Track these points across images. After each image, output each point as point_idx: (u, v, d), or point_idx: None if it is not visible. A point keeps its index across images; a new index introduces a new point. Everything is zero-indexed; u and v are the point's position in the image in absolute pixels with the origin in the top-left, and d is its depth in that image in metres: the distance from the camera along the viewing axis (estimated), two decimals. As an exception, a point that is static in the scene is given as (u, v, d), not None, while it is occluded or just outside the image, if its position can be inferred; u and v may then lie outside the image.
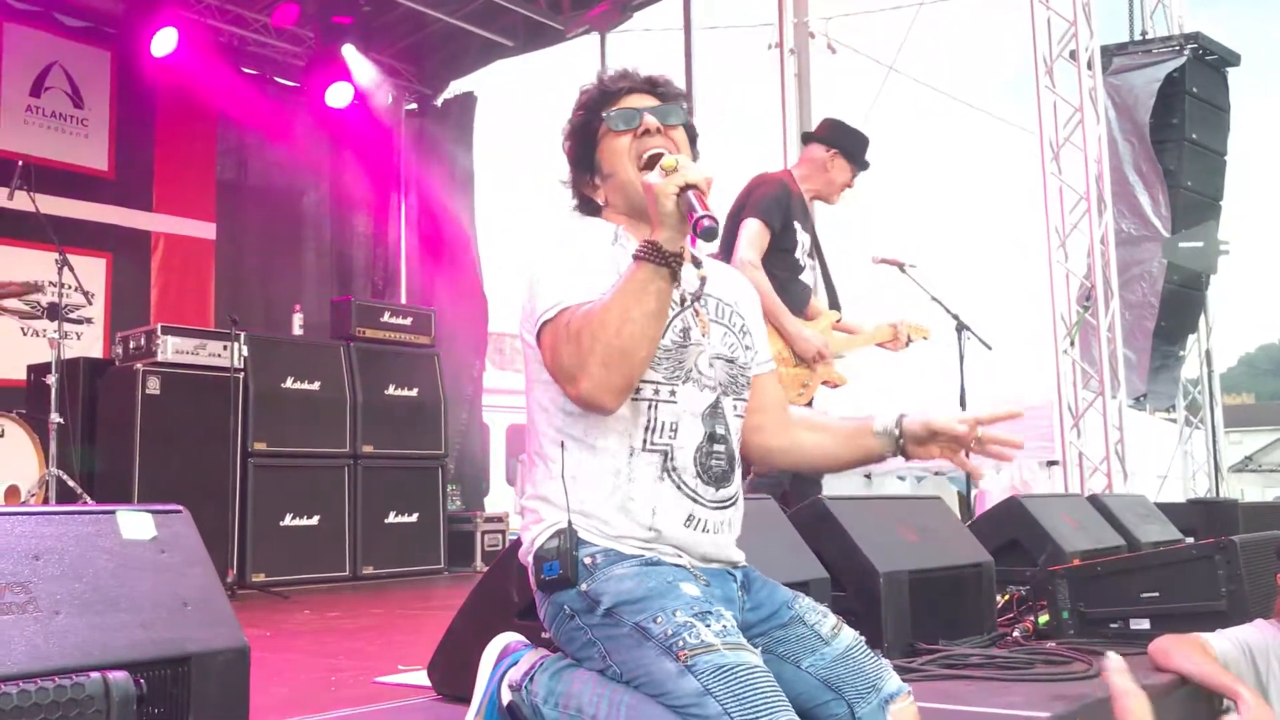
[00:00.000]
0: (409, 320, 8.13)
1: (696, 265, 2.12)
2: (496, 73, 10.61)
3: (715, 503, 1.99)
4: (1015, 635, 3.72)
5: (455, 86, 10.64)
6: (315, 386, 7.21)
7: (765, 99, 9.41)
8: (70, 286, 6.11)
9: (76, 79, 8.67)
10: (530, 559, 1.99)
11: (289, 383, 7.08)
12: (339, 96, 9.30)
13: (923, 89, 11.56)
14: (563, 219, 2.20)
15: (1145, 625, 3.56)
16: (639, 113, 2.10)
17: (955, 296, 6.05)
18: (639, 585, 1.85)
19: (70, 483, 5.79)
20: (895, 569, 3.34)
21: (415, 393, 7.82)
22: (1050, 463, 7.95)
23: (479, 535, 8.33)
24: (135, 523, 1.88)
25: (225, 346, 6.69)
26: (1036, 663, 3.21)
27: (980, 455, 2.07)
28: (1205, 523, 5.50)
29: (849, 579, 3.31)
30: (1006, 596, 4.00)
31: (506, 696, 2.03)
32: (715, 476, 1.99)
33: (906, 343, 4.87)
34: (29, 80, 8.41)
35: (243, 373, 6.72)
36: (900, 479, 9.37)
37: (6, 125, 8.22)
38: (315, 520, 7.06)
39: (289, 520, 6.92)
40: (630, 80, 2.16)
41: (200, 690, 1.77)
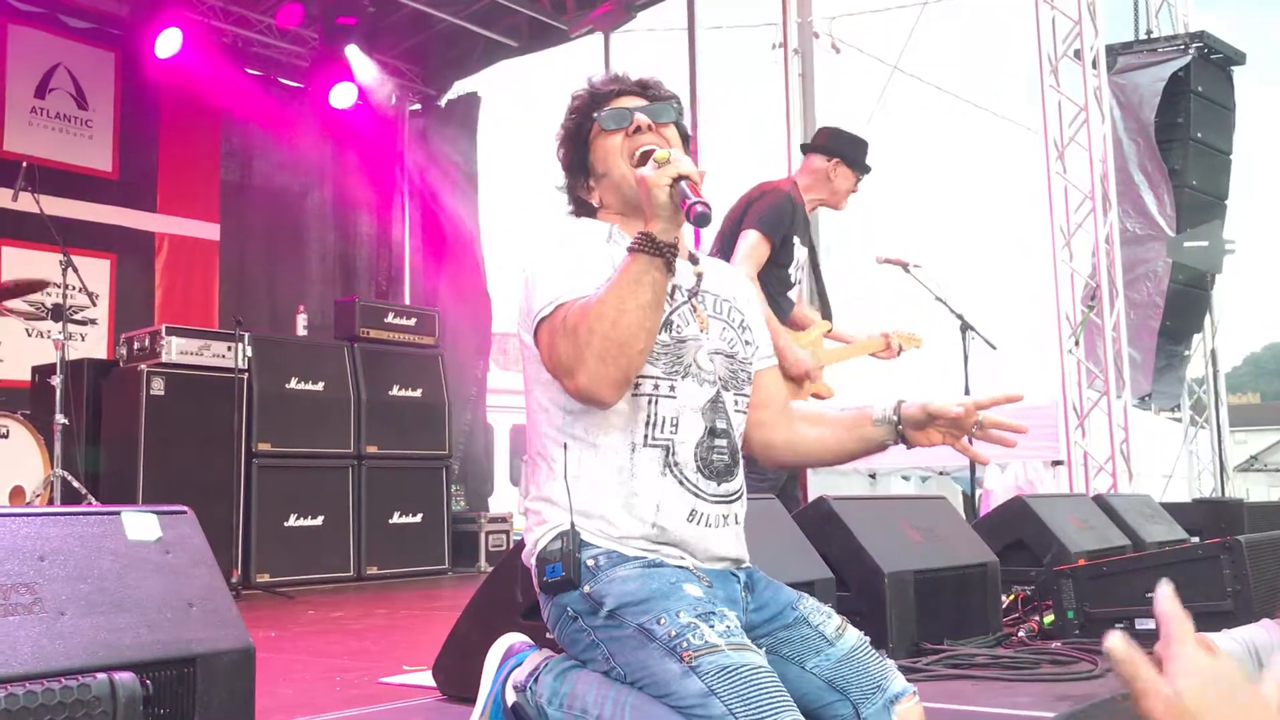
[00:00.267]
0: (413, 321, 8.14)
1: (694, 262, 2.12)
2: (500, 73, 10.63)
3: (717, 497, 1.98)
4: (1020, 635, 3.72)
5: (459, 87, 10.64)
6: (319, 387, 7.22)
7: (769, 99, 9.40)
8: (75, 287, 6.11)
9: (81, 80, 8.68)
10: (533, 561, 1.99)
11: (293, 383, 7.09)
12: (343, 97, 9.32)
13: (927, 88, 11.56)
14: (558, 221, 2.20)
15: (1151, 625, 3.54)
16: (630, 112, 2.11)
17: (960, 296, 6.05)
18: (642, 586, 1.85)
19: (75, 483, 5.79)
20: (900, 569, 3.34)
21: (419, 393, 7.83)
22: (1055, 462, 7.93)
23: (483, 535, 8.34)
24: (140, 524, 1.88)
25: (229, 347, 6.71)
26: (1042, 663, 3.21)
27: (983, 441, 2.07)
28: (1211, 522, 5.50)
29: (854, 579, 3.31)
30: (1011, 596, 4.01)
31: (511, 697, 2.03)
32: (717, 471, 1.99)
33: (899, 352, 4.85)
34: (33, 81, 8.42)
35: (247, 373, 6.73)
36: (905, 479, 9.36)
37: (11, 126, 8.24)
38: (319, 521, 7.07)
39: (293, 521, 6.94)
40: (620, 83, 2.18)
41: (205, 691, 1.77)
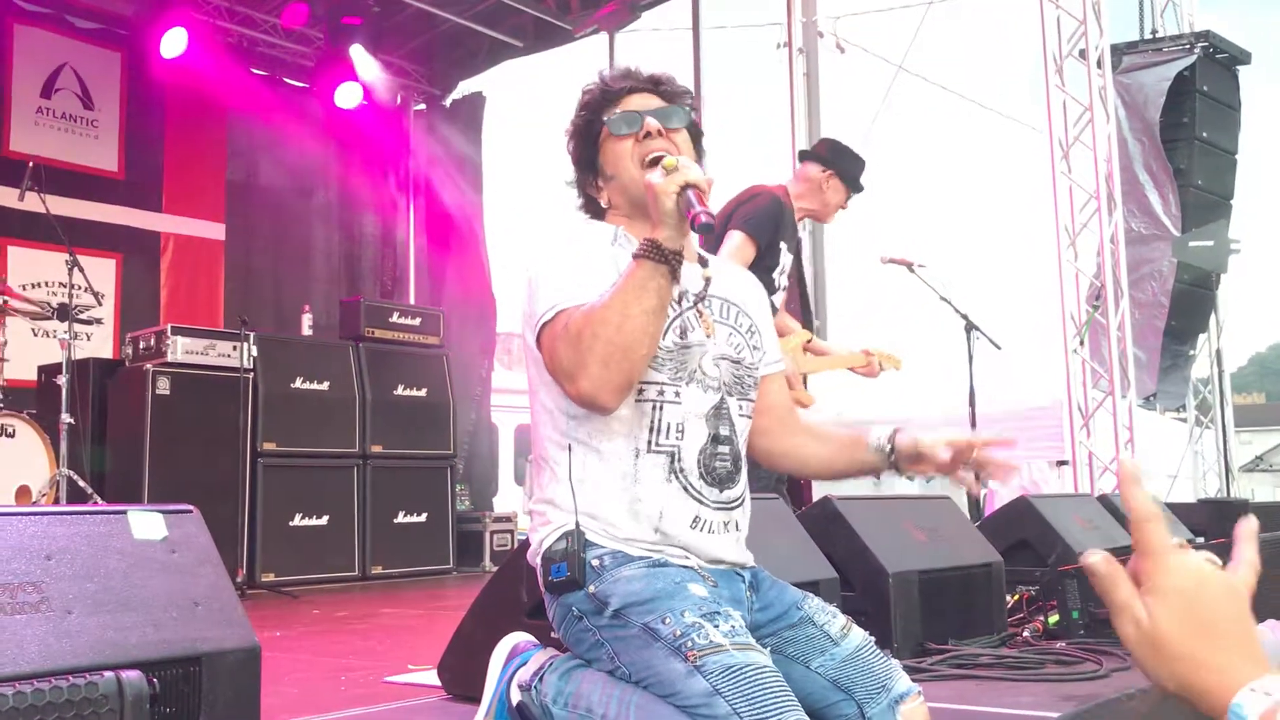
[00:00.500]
0: (418, 320, 8.15)
1: (703, 264, 2.10)
2: (505, 73, 10.64)
3: (719, 504, 1.98)
4: (1025, 635, 3.72)
5: (464, 87, 10.65)
6: (324, 387, 7.23)
7: (774, 98, 9.41)
8: (80, 287, 6.13)
9: (87, 80, 8.70)
10: (538, 561, 1.99)
11: (298, 383, 7.10)
12: (348, 97, 9.32)
13: (932, 88, 11.53)
14: (562, 221, 2.18)
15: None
16: (640, 116, 2.07)
17: (964, 296, 6.04)
18: (647, 586, 1.85)
19: (80, 483, 5.80)
20: (905, 569, 3.33)
21: (424, 393, 7.84)
22: (1060, 462, 7.92)
23: (488, 535, 8.35)
24: (146, 523, 1.88)
25: (235, 347, 6.72)
26: (1046, 663, 3.21)
27: (979, 471, 2.06)
28: (1216, 523, 5.50)
29: (858, 579, 3.31)
30: (1016, 596, 4.00)
31: (516, 696, 2.03)
32: (719, 478, 1.98)
33: (879, 370, 4.81)
34: (39, 81, 8.44)
35: (252, 373, 6.74)
36: (909, 478, 9.34)
37: (17, 126, 8.26)
38: (324, 520, 7.08)
39: (298, 520, 6.95)
40: (633, 80, 2.13)
41: (211, 690, 1.78)
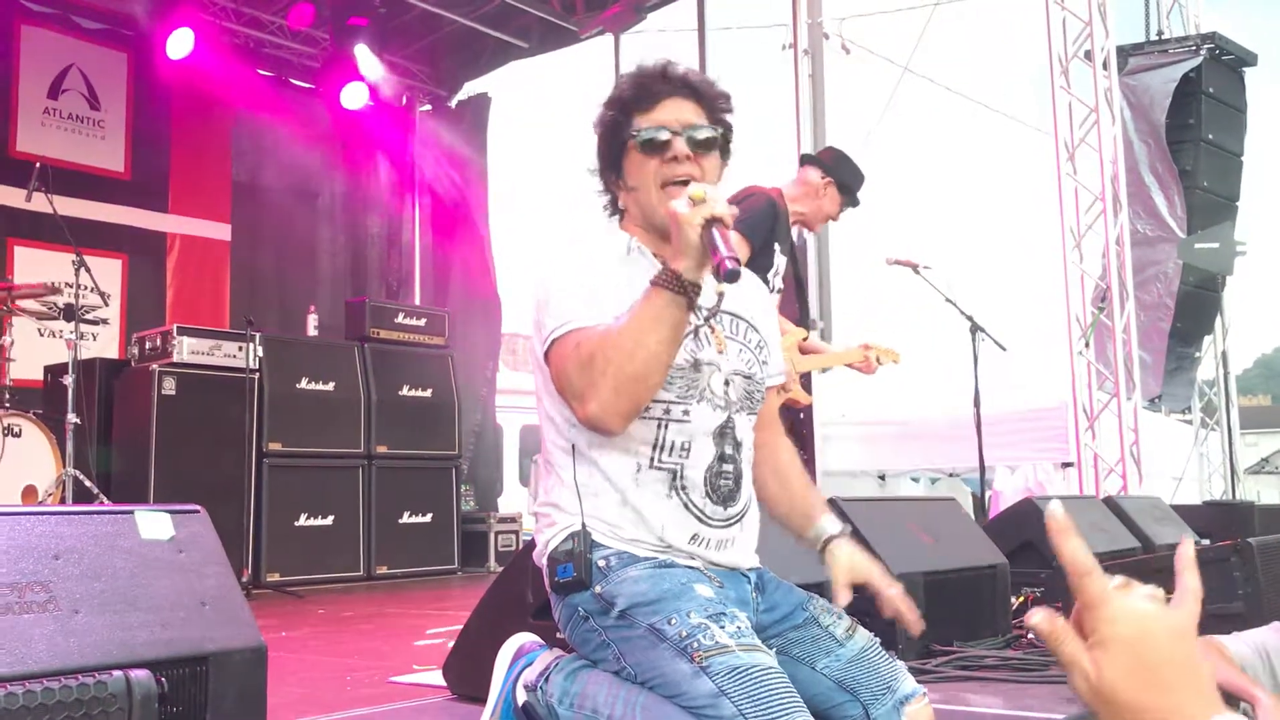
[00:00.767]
0: (423, 321, 8.16)
1: (715, 278, 2.10)
2: (511, 74, 10.65)
3: (722, 521, 1.98)
4: (1030, 637, 3.71)
5: (470, 88, 10.67)
6: (330, 387, 7.24)
7: (779, 100, 9.40)
8: (86, 287, 6.14)
9: (93, 81, 8.72)
10: (544, 561, 1.99)
11: (304, 383, 7.11)
12: (354, 98, 9.34)
13: (937, 89, 11.54)
14: (574, 231, 2.15)
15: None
16: (670, 137, 1.99)
17: (969, 297, 6.05)
18: (653, 587, 1.85)
19: (87, 483, 5.82)
20: (910, 570, 3.33)
21: (429, 393, 7.84)
22: (1065, 464, 7.91)
23: (492, 535, 8.35)
24: (154, 523, 1.89)
25: (240, 347, 6.73)
26: (1051, 665, 3.20)
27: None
28: (1221, 525, 5.49)
29: (863, 580, 3.30)
30: (1021, 598, 4.00)
31: (522, 697, 2.04)
32: (723, 495, 1.98)
33: (876, 365, 4.81)
34: (46, 82, 8.46)
35: (258, 373, 6.76)
36: (914, 480, 9.34)
37: (24, 127, 8.28)
38: (329, 520, 7.09)
39: (303, 520, 6.96)
40: (669, 83, 2.02)
41: (218, 689, 1.78)
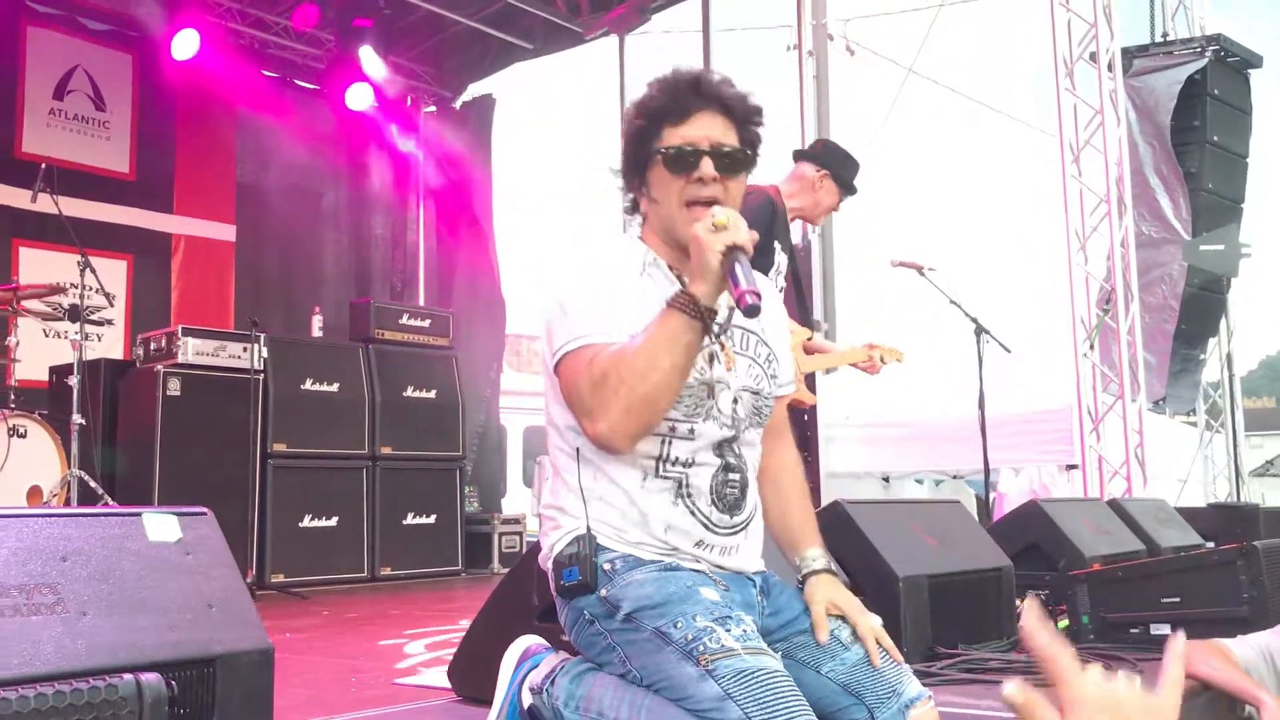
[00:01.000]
0: (427, 322, 8.17)
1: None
2: (515, 75, 10.65)
3: (728, 529, 1.99)
4: (1035, 640, 3.71)
5: (474, 89, 10.68)
6: (334, 388, 7.25)
7: (783, 101, 9.39)
8: (92, 288, 6.15)
9: (99, 81, 8.73)
10: (549, 564, 2.00)
11: (308, 384, 7.12)
12: (359, 99, 9.35)
13: (942, 91, 11.52)
14: (591, 238, 2.14)
15: (1166, 630, 3.52)
16: (697, 159, 1.97)
17: (974, 299, 6.04)
18: (658, 590, 1.86)
19: (92, 484, 5.83)
20: (915, 573, 3.33)
21: (433, 394, 7.85)
22: (1070, 466, 7.90)
23: (496, 537, 8.36)
24: (161, 525, 1.89)
25: (245, 348, 6.74)
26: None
27: None
28: (1226, 527, 5.48)
29: (868, 583, 3.30)
30: (1026, 600, 3.99)
31: (527, 699, 2.04)
32: (729, 504, 1.98)
33: (881, 365, 4.80)
34: (52, 83, 8.47)
35: (262, 374, 6.76)
36: (918, 482, 9.33)
37: (30, 128, 8.30)
38: (334, 521, 7.09)
39: (308, 521, 6.96)
40: (703, 96, 1.99)
41: (225, 691, 1.78)
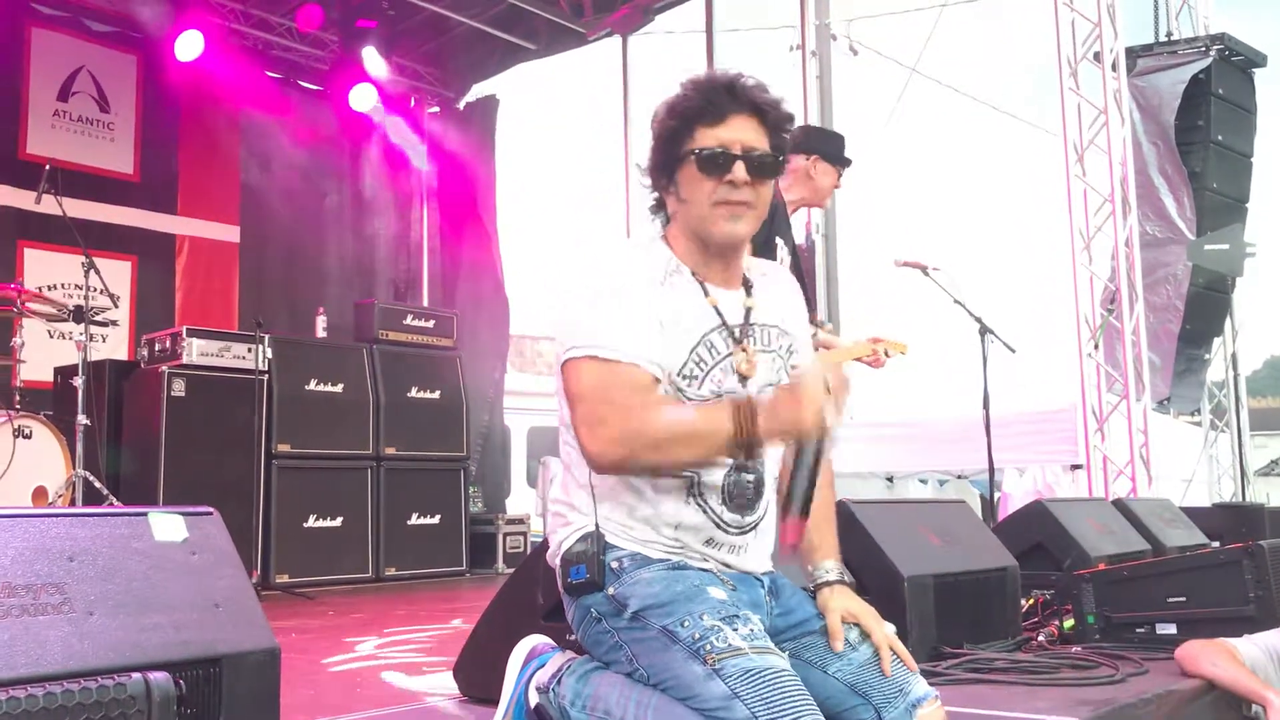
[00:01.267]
0: (431, 323, 8.17)
1: (747, 291, 2.05)
2: (519, 76, 10.66)
3: (738, 528, 1.98)
4: (1040, 640, 3.70)
5: (478, 90, 10.68)
6: (338, 389, 7.26)
7: (787, 101, 9.39)
8: (96, 289, 6.15)
9: (103, 83, 8.74)
10: (557, 562, 2.00)
11: (312, 385, 7.12)
12: (362, 100, 9.36)
13: (945, 91, 11.53)
14: (611, 245, 2.09)
15: (1171, 630, 3.52)
16: (730, 164, 1.92)
17: (978, 299, 6.02)
18: (666, 589, 1.86)
19: (97, 484, 5.83)
20: (919, 573, 3.32)
21: (437, 395, 7.85)
22: (1074, 466, 7.88)
23: (500, 537, 8.37)
24: (167, 525, 1.89)
25: (249, 349, 6.74)
26: (1062, 667, 3.19)
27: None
28: (1231, 527, 5.47)
29: (873, 583, 3.30)
30: (1031, 601, 3.98)
31: (534, 699, 2.04)
32: (741, 504, 1.98)
33: (885, 359, 4.80)
34: (56, 85, 8.48)
35: (267, 375, 6.77)
36: (922, 482, 9.32)
37: (34, 129, 8.30)
38: (338, 522, 7.10)
39: (312, 522, 6.97)
40: (736, 100, 1.95)
41: (232, 691, 1.78)
